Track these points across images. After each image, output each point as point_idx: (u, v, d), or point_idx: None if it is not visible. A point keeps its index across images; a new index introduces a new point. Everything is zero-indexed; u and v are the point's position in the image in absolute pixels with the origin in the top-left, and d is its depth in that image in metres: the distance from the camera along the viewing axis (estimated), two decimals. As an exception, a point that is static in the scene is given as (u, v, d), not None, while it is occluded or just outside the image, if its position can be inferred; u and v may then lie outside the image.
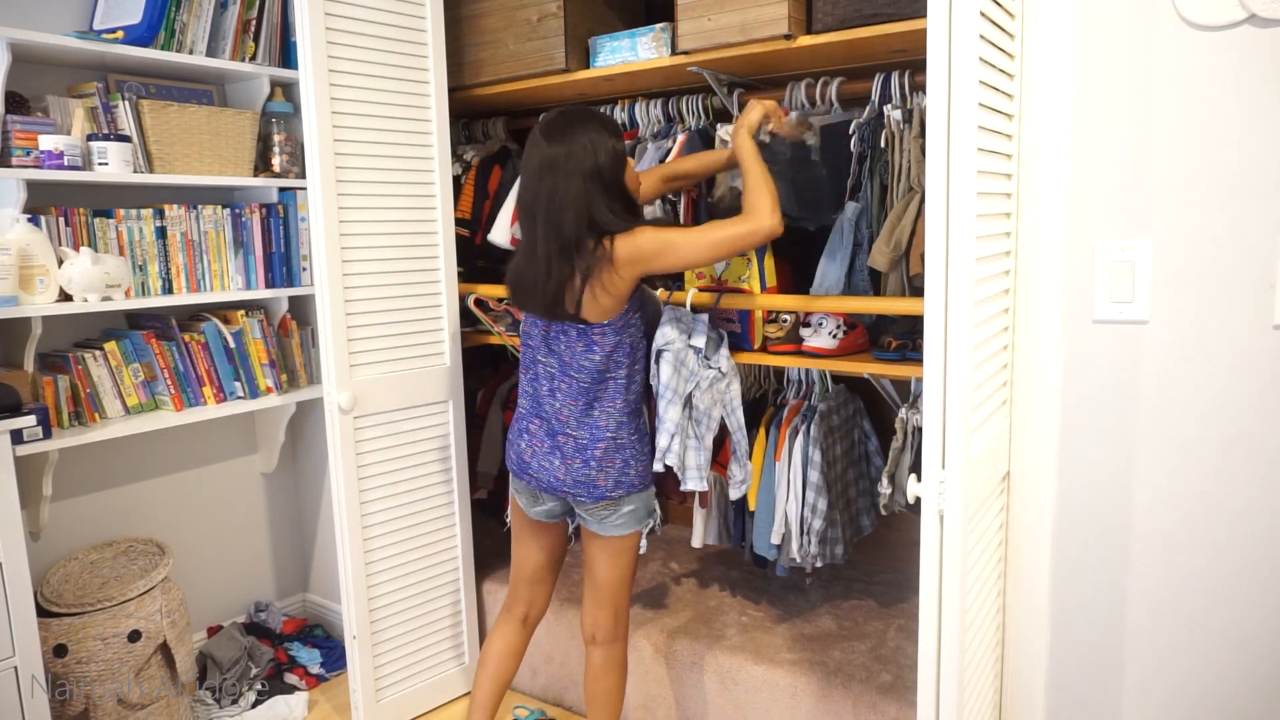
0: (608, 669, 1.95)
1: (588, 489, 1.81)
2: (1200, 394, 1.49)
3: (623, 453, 1.83)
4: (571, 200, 1.68)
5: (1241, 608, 1.50)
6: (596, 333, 1.78)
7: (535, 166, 1.72)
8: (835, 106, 2.05)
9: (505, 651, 2.04)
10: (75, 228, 2.14)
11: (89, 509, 2.41)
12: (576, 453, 1.82)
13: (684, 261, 1.74)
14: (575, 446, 1.82)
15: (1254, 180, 1.41)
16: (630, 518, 1.86)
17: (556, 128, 1.72)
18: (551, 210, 1.70)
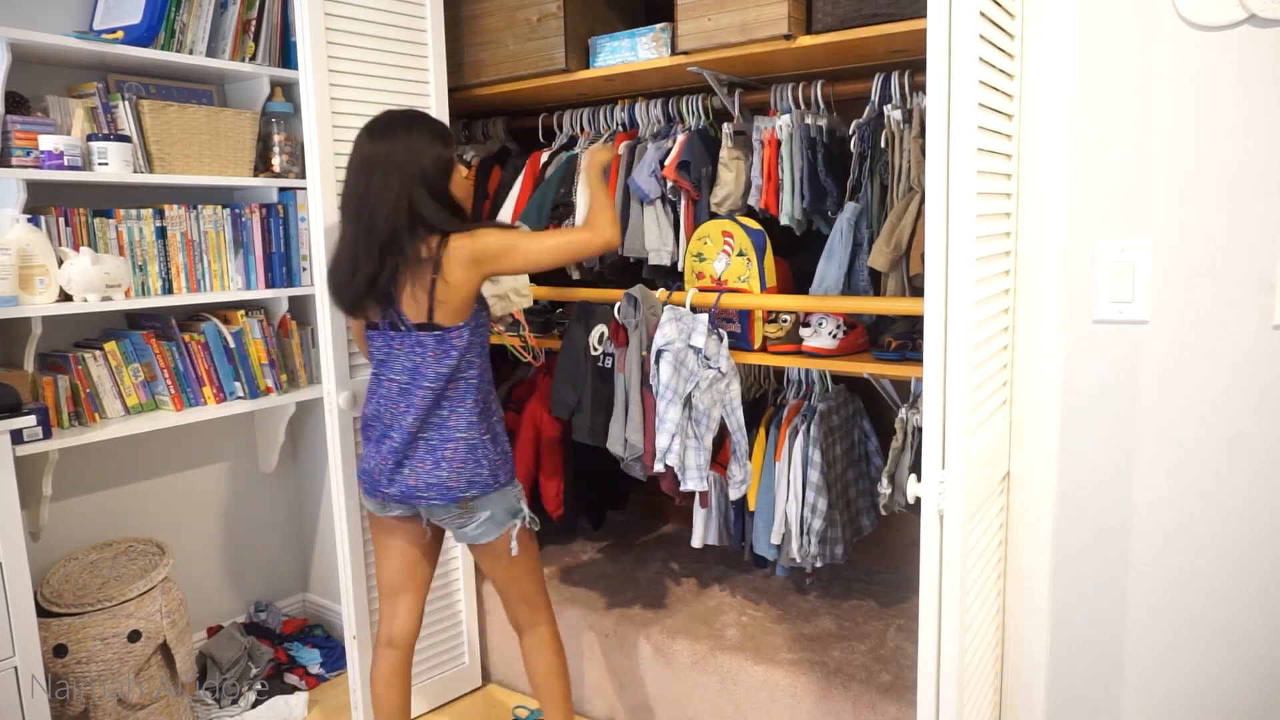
0: (539, 649, 1.95)
1: (439, 491, 1.77)
2: (1200, 394, 1.49)
3: (474, 453, 1.79)
4: (391, 199, 1.68)
5: (1241, 607, 1.50)
6: (454, 335, 1.76)
7: (356, 163, 1.73)
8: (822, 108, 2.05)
9: (384, 679, 1.94)
10: (75, 228, 2.14)
11: (89, 509, 2.41)
12: (427, 454, 1.78)
13: (527, 263, 1.77)
14: (426, 448, 1.79)
15: (1254, 180, 1.41)
16: (490, 524, 1.81)
17: (380, 127, 1.74)
18: (365, 207, 1.69)
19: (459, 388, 1.79)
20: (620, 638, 2.28)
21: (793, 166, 2.03)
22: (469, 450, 1.78)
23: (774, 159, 2.06)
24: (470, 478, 1.78)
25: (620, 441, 2.05)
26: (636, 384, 2.03)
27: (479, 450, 1.79)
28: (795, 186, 2.04)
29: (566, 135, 2.53)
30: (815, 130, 2.00)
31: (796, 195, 2.04)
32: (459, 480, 1.78)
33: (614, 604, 2.39)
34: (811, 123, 2.02)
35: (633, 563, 2.65)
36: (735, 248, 2.03)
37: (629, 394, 2.03)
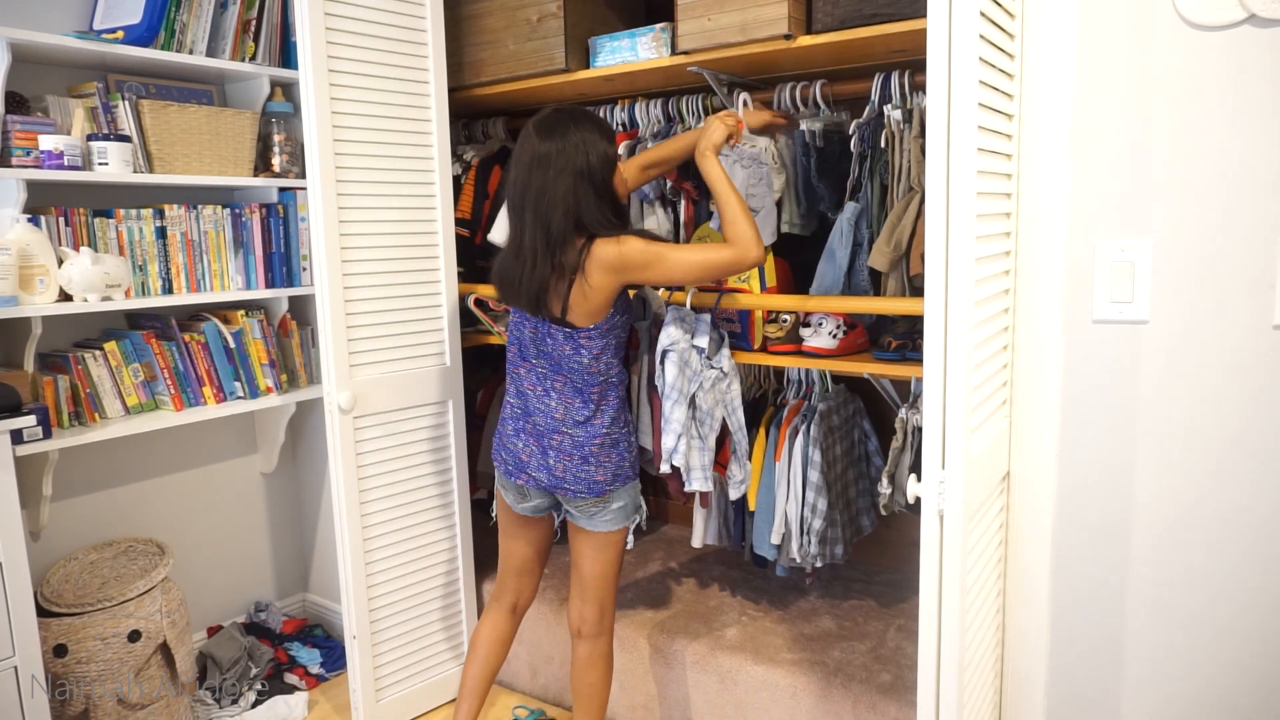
0: (592, 662, 1.96)
1: (587, 484, 1.83)
2: (1200, 394, 1.49)
3: (617, 447, 1.86)
4: (560, 197, 1.68)
5: (1241, 606, 1.50)
6: (583, 337, 1.79)
7: (526, 160, 1.72)
8: (823, 109, 2.05)
9: (494, 639, 2.07)
10: (75, 228, 2.14)
11: (89, 509, 2.41)
12: (575, 449, 1.83)
13: (669, 277, 1.74)
14: (572, 443, 1.84)
15: (1254, 180, 1.41)
16: (619, 514, 1.88)
17: (550, 124, 1.73)
18: (540, 206, 1.70)
19: (598, 386, 1.83)
20: (620, 638, 2.28)
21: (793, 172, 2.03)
22: (612, 445, 1.85)
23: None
24: (614, 471, 1.85)
25: None
26: (645, 386, 2.03)
27: (621, 444, 1.87)
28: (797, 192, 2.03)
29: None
30: (809, 135, 2.00)
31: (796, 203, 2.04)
32: (605, 474, 1.84)
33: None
34: (804, 128, 2.02)
35: (633, 563, 2.65)
36: (735, 248, 2.02)
37: (639, 396, 2.03)
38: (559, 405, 1.84)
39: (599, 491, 1.84)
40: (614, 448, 1.85)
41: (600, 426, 1.84)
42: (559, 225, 1.69)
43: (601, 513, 1.87)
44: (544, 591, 2.46)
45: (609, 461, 1.84)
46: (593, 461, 1.83)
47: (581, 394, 1.83)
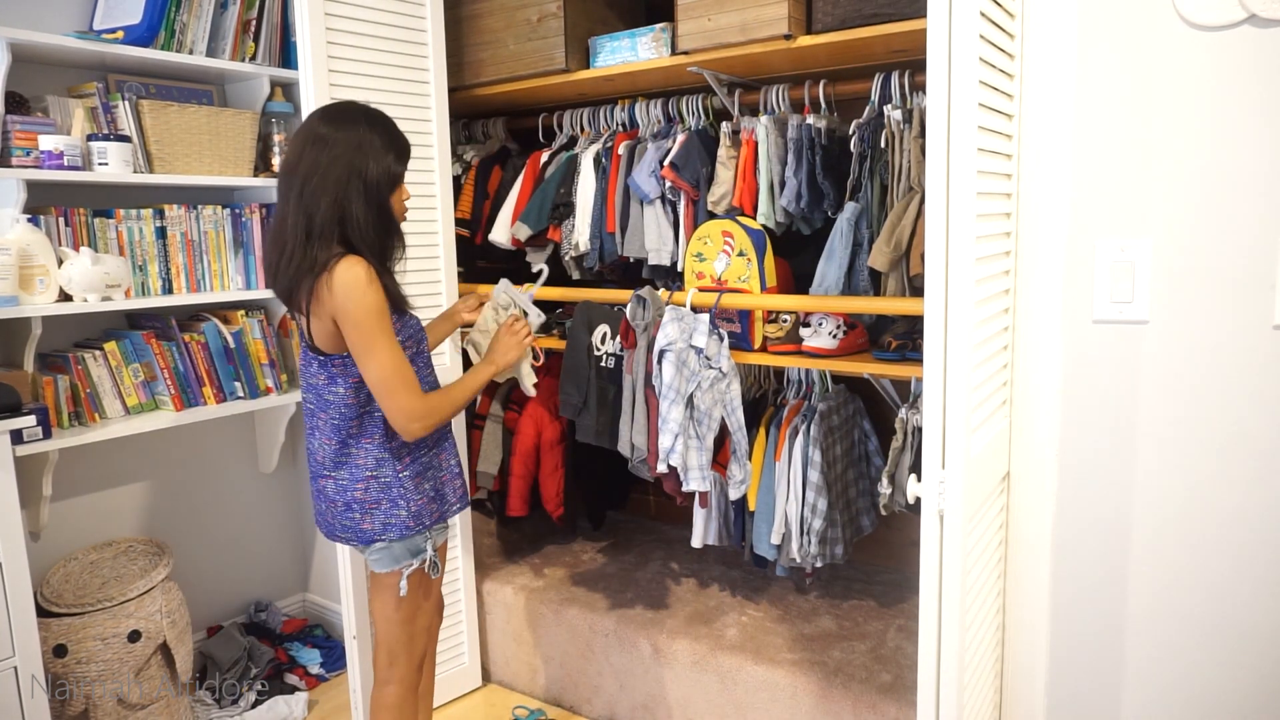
0: (378, 710, 1.77)
1: (355, 534, 1.67)
2: (1200, 394, 1.49)
3: (388, 492, 1.65)
4: (329, 186, 1.52)
5: (1241, 606, 1.50)
6: (335, 365, 1.61)
7: (304, 135, 1.56)
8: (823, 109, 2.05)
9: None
10: (75, 228, 2.14)
11: (89, 509, 2.41)
12: (338, 494, 1.66)
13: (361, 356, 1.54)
14: (337, 487, 1.66)
15: (1254, 180, 1.41)
16: (385, 555, 1.69)
17: (340, 111, 1.58)
18: (309, 187, 1.52)
19: (363, 422, 1.64)
20: (620, 638, 2.28)
21: (769, 169, 2.03)
22: (382, 489, 1.65)
23: (751, 160, 2.06)
24: (385, 520, 1.66)
25: (628, 444, 2.06)
26: (642, 385, 2.03)
27: (394, 489, 1.65)
28: (772, 188, 2.04)
29: (567, 135, 2.53)
30: (814, 132, 2.00)
31: (774, 198, 2.04)
32: (373, 523, 1.66)
33: (614, 604, 2.39)
34: (808, 124, 2.02)
35: (633, 563, 2.66)
36: (735, 248, 2.03)
37: (635, 395, 2.04)
38: (320, 445, 1.66)
39: (367, 540, 1.67)
40: (384, 493, 1.64)
41: (365, 470, 1.64)
42: (323, 216, 1.51)
43: (368, 553, 1.71)
44: (543, 591, 2.47)
45: (377, 510, 1.64)
46: (357, 509, 1.65)
47: (339, 431, 1.63)
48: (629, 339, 2.07)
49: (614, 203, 2.29)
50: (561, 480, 2.55)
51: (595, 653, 2.34)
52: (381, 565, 1.71)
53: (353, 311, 1.51)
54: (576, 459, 2.57)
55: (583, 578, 2.57)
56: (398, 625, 1.75)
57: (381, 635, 1.77)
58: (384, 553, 1.69)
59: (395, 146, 1.61)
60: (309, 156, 1.54)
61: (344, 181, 1.53)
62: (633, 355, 2.05)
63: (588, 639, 2.35)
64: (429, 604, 1.82)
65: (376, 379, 1.54)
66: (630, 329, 2.06)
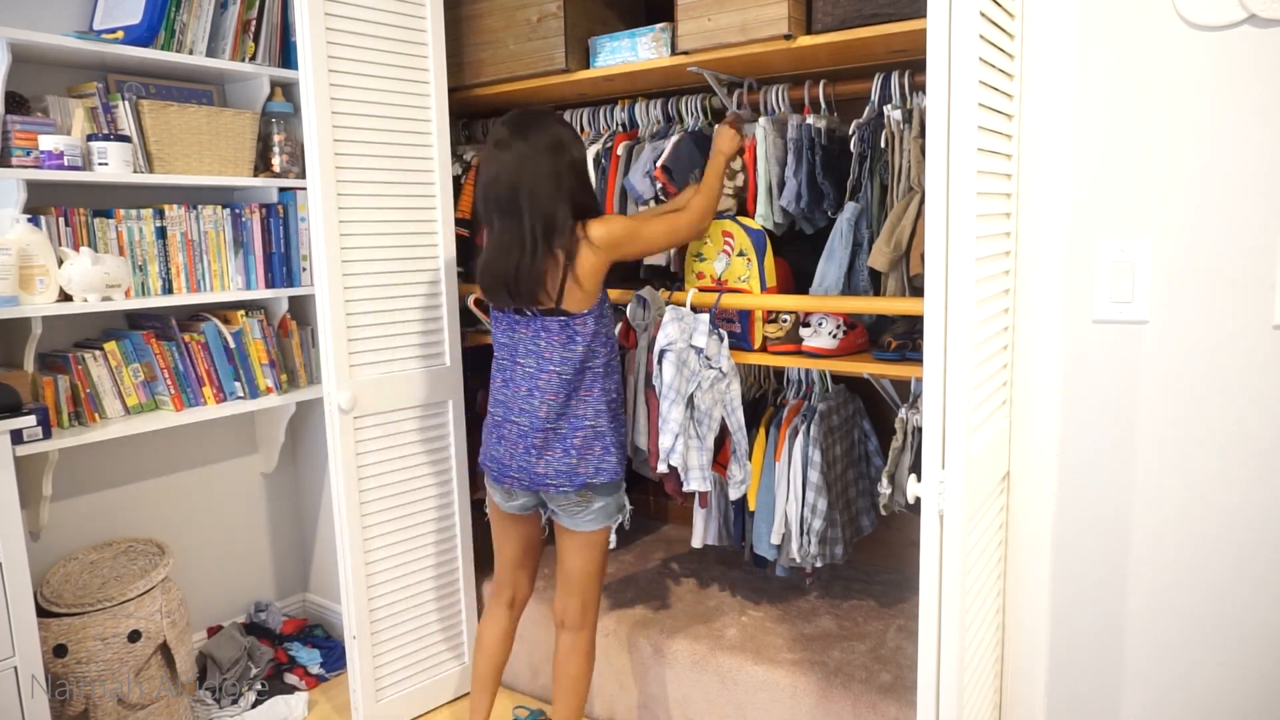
0: (573, 653, 1.99)
1: (568, 477, 1.85)
2: (1200, 394, 1.49)
3: (602, 440, 1.87)
4: (556, 187, 1.76)
5: (1241, 607, 1.50)
6: (578, 323, 1.82)
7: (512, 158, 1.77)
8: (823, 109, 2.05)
9: (497, 635, 2.12)
10: (75, 228, 2.14)
11: (89, 509, 2.41)
12: (556, 442, 1.85)
13: (648, 246, 1.90)
14: (555, 436, 1.86)
15: (1254, 180, 1.41)
16: (601, 514, 1.90)
17: (524, 122, 1.81)
18: (538, 197, 1.75)
19: (585, 376, 1.85)
20: (620, 638, 2.28)
21: (768, 169, 2.03)
22: (596, 437, 1.86)
23: (752, 162, 2.07)
24: (598, 464, 1.87)
25: (629, 445, 2.06)
26: (642, 385, 2.03)
27: (607, 438, 1.87)
28: (771, 188, 2.04)
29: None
30: (814, 131, 2.00)
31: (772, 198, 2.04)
32: (587, 467, 1.86)
33: (614, 604, 2.39)
34: (808, 123, 2.02)
35: (633, 563, 2.65)
36: (735, 248, 2.03)
37: (636, 396, 2.04)
38: (542, 403, 1.85)
39: (579, 484, 1.85)
40: (598, 440, 1.86)
41: (584, 420, 1.85)
42: (562, 213, 1.76)
43: (583, 512, 1.89)
44: (544, 591, 2.46)
45: (591, 455, 1.85)
46: (574, 455, 1.85)
47: (566, 387, 1.84)
48: (629, 339, 2.07)
49: (612, 203, 2.30)
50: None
51: (595, 653, 2.34)
52: (597, 523, 1.91)
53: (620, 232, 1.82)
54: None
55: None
56: (595, 578, 1.97)
57: (580, 588, 1.96)
58: (600, 512, 1.90)
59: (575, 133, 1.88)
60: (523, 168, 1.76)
61: (566, 176, 1.78)
62: (633, 355, 2.05)
63: (588, 639, 2.35)
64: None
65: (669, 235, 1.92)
66: (630, 329, 2.06)
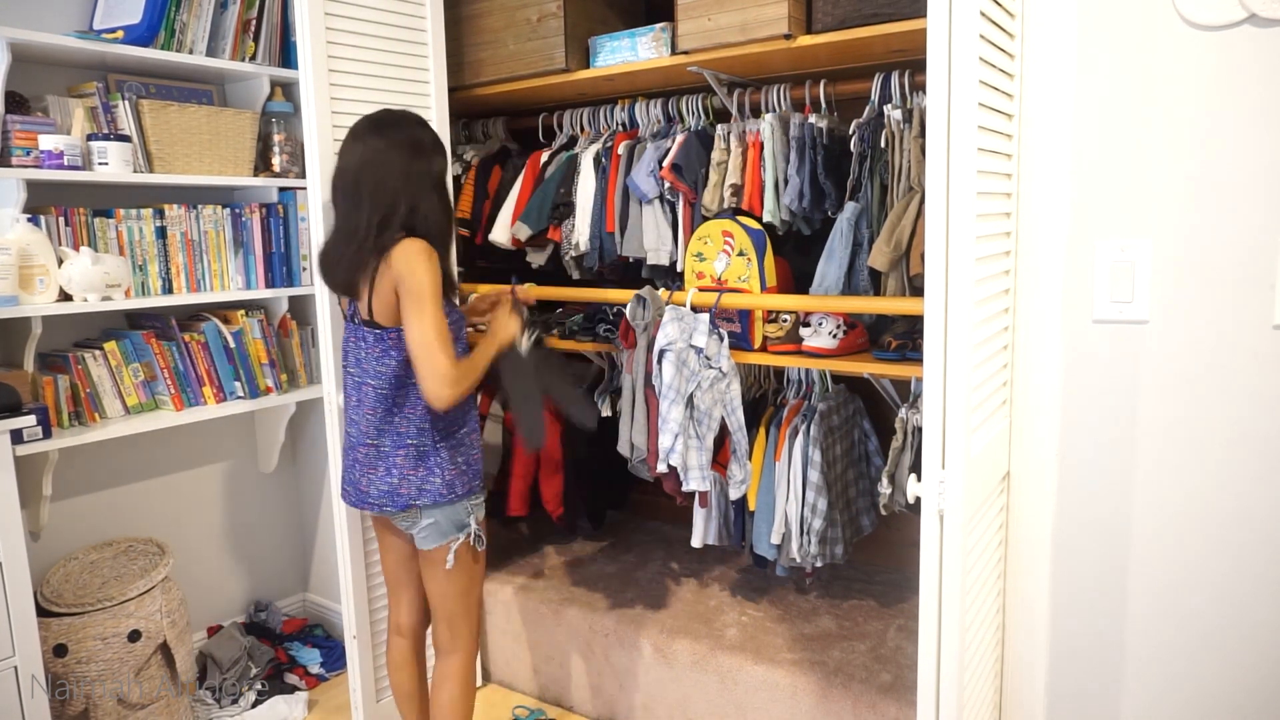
0: (443, 679, 1.90)
1: (390, 498, 1.77)
2: (1200, 394, 1.49)
3: (425, 461, 1.77)
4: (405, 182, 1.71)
5: (1241, 606, 1.50)
6: (391, 337, 1.74)
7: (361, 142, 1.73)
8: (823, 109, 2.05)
9: (396, 663, 2.02)
10: (75, 228, 2.14)
11: (89, 509, 2.41)
12: (379, 460, 1.78)
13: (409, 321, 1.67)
14: (376, 455, 1.79)
15: (1254, 180, 1.41)
16: (432, 531, 1.80)
17: (384, 117, 1.78)
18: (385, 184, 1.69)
19: (407, 392, 1.76)
20: (620, 638, 2.29)
21: (775, 166, 2.03)
22: (419, 458, 1.77)
23: (757, 160, 2.07)
24: (420, 485, 1.77)
25: (628, 444, 2.06)
26: (642, 385, 2.03)
27: (431, 459, 1.78)
28: (777, 185, 2.04)
29: (567, 135, 2.53)
30: (815, 131, 2.00)
31: (779, 195, 2.04)
32: (409, 489, 1.77)
33: (614, 604, 2.39)
34: (809, 123, 2.02)
35: (633, 563, 2.66)
36: (735, 248, 2.03)
37: (635, 395, 2.04)
38: (363, 416, 1.79)
39: (402, 506, 1.77)
40: (421, 461, 1.77)
41: (405, 437, 1.77)
42: (401, 209, 1.69)
43: (415, 529, 1.81)
44: (543, 591, 2.47)
45: (414, 475, 1.76)
46: (395, 474, 1.77)
47: (385, 401, 1.76)
48: (629, 339, 2.07)
49: (613, 203, 2.29)
50: (561, 480, 2.55)
51: (595, 653, 2.34)
52: (430, 541, 1.81)
53: (410, 278, 1.66)
54: (576, 459, 2.57)
55: (583, 578, 2.57)
56: (454, 599, 1.86)
57: (440, 609, 1.88)
58: (431, 529, 1.80)
59: (441, 143, 1.83)
60: (374, 159, 1.71)
61: (415, 177, 1.72)
62: (632, 355, 2.05)
63: (588, 639, 2.35)
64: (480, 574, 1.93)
65: (419, 339, 1.65)
66: (630, 329, 2.06)
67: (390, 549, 1.95)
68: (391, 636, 2.02)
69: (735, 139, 2.10)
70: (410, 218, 1.71)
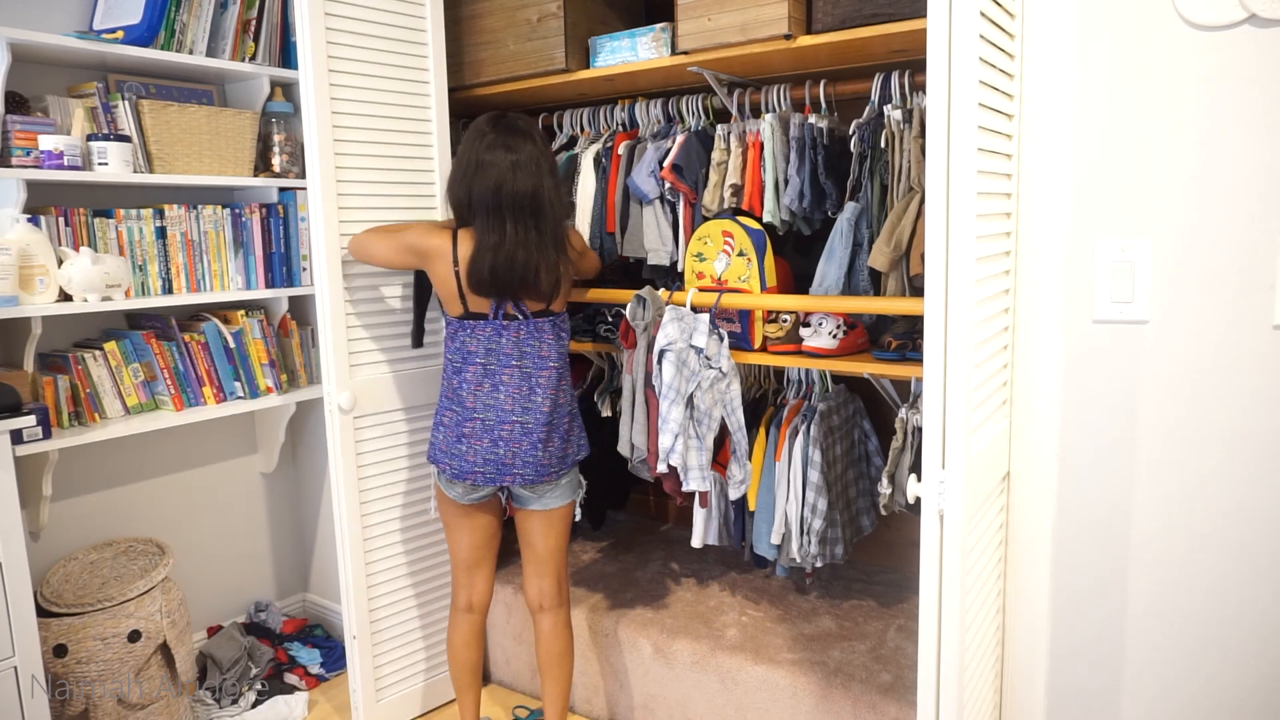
0: (557, 631, 2.05)
1: (562, 461, 1.94)
2: (1200, 394, 1.49)
3: (576, 421, 2.01)
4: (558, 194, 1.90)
5: (1241, 607, 1.50)
6: (562, 320, 1.98)
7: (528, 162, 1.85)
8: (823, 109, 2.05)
9: (461, 641, 2.11)
10: (75, 228, 2.14)
11: (89, 509, 2.41)
12: (554, 433, 1.93)
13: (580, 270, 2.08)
14: (554, 428, 1.93)
15: (1254, 180, 1.41)
16: (566, 489, 1.99)
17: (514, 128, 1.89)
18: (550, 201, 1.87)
19: (549, 371, 1.94)
20: (620, 638, 2.29)
21: (775, 166, 2.03)
22: (573, 418, 2.00)
23: (757, 160, 2.07)
24: (579, 443, 2.01)
25: (628, 444, 2.06)
26: (642, 385, 2.03)
27: (576, 421, 2.01)
28: (777, 185, 2.04)
29: (567, 135, 2.53)
30: (816, 131, 2.00)
31: (779, 195, 2.04)
32: (572, 447, 1.98)
33: (614, 604, 2.39)
34: (810, 123, 2.02)
35: (633, 563, 2.66)
36: (735, 248, 2.03)
37: (635, 395, 2.04)
38: (508, 397, 1.92)
39: (569, 464, 1.96)
40: (574, 421, 1.99)
41: (567, 405, 1.97)
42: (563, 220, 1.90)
43: (554, 489, 1.97)
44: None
45: (574, 436, 1.98)
46: (560, 440, 1.94)
47: (559, 378, 1.94)
48: (629, 339, 2.07)
49: (614, 203, 2.29)
50: (561, 480, 2.55)
51: (595, 653, 2.34)
52: (565, 498, 1.99)
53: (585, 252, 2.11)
54: (576, 459, 2.57)
55: (583, 578, 2.57)
56: (563, 554, 2.04)
57: (553, 566, 2.03)
58: (567, 487, 1.99)
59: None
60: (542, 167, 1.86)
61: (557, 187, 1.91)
62: (633, 355, 2.05)
63: (588, 639, 2.35)
64: None
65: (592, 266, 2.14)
66: (630, 329, 2.06)
67: (478, 528, 2.05)
68: (460, 615, 2.10)
69: (735, 139, 2.10)
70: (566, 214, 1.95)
